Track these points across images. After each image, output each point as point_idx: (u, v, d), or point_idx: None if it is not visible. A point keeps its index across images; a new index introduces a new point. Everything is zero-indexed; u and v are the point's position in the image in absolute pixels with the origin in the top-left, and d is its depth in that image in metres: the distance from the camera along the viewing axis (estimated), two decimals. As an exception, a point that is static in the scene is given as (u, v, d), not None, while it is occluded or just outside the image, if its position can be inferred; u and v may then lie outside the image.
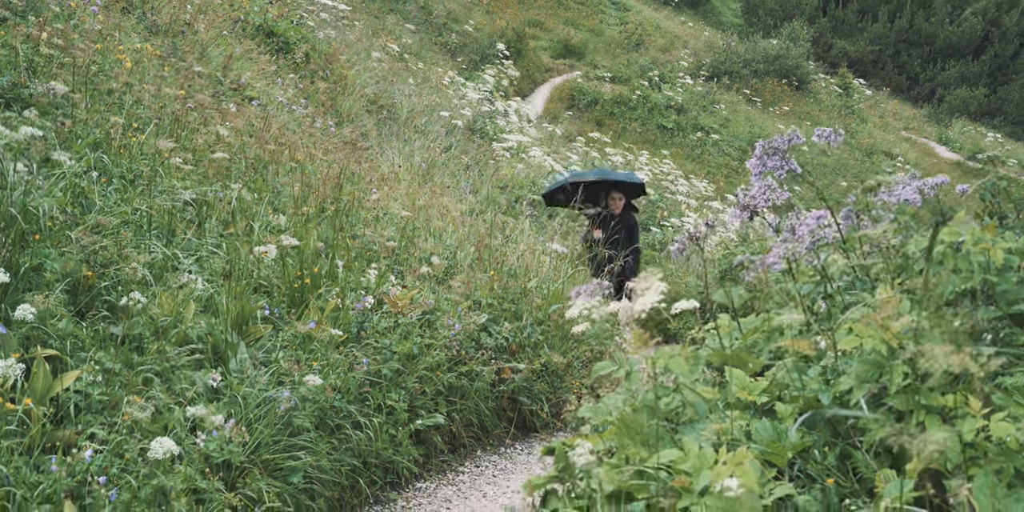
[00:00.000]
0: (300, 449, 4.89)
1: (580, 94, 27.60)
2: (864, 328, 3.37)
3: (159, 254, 5.20)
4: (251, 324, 5.35)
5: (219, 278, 5.50)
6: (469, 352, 6.77)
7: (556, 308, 8.17)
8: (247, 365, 5.05)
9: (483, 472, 6.54)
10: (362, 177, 9.06)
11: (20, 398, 3.88)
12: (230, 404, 4.79)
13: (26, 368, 4.11)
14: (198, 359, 4.97)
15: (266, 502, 4.52)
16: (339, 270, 6.19)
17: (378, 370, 5.80)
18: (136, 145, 6.37)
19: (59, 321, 4.45)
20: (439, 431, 6.35)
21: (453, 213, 8.92)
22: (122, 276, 4.90)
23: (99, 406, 4.26)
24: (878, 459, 3.13)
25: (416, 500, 5.86)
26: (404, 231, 7.80)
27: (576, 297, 3.90)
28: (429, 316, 6.69)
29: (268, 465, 4.76)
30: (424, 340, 6.39)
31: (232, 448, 4.50)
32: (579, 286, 3.89)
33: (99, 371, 4.30)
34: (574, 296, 3.90)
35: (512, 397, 7.16)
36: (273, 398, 4.88)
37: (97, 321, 4.79)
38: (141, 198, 5.58)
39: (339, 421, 5.34)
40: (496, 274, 7.82)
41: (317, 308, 5.82)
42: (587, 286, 3.91)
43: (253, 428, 4.71)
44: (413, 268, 7.19)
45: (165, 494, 4.10)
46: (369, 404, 5.64)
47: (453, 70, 23.82)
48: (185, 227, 5.93)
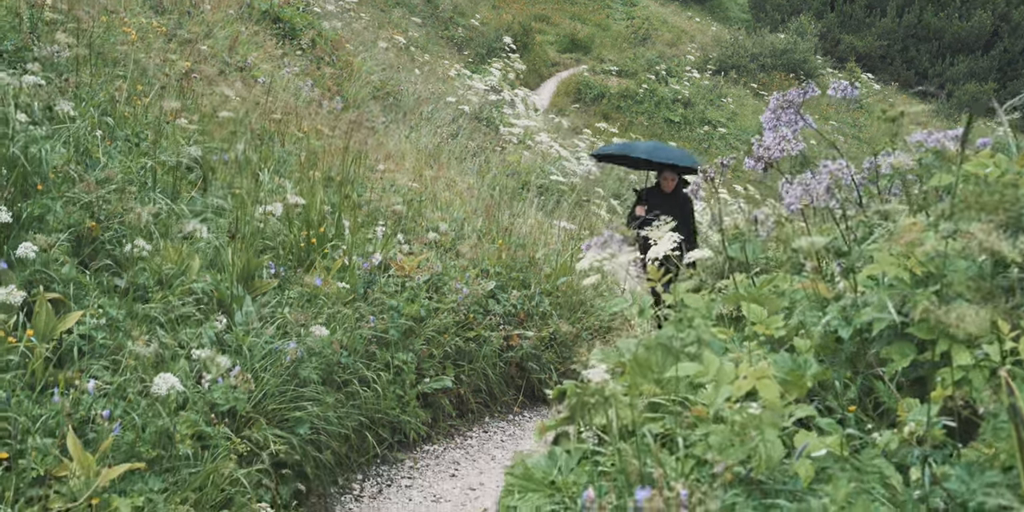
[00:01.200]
0: (307, 400, 4.83)
1: (586, 88, 27.53)
2: (886, 256, 3.29)
3: (163, 206, 5.14)
4: (257, 279, 5.29)
5: (224, 235, 5.44)
6: (477, 318, 6.71)
7: (564, 280, 8.11)
8: (253, 317, 4.99)
9: (491, 437, 6.48)
10: (368, 155, 9.01)
11: (22, 335, 3.83)
12: (235, 355, 4.73)
13: (28, 309, 4.06)
14: (203, 311, 4.91)
15: (272, 450, 4.46)
16: (345, 231, 6.13)
17: (385, 330, 5.74)
18: (141, 108, 6.32)
19: (62, 266, 4.39)
20: (447, 395, 6.29)
21: (460, 186, 8.85)
22: (127, 225, 4.84)
23: (102, 351, 4.21)
24: (900, 391, 3.06)
25: (424, 461, 5.80)
26: (411, 202, 7.74)
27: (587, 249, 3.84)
28: (436, 281, 6.64)
29: (274, 416, 4.69)
30: (432, 303, 6.33)
31: (238, 395, 4.44)
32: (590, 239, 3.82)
33: (102, 315, 4.25)
34: (585, 249, 3.83)
35: (520, 364, 7.09)
36: (279, 349, 4.82)
37: (100, 271, 4.74)
38: (146, 157, 5.52)
39: (346, 377, 5.28)
40: (504, 244, 7.75)
41: (323, 267, 5.76)
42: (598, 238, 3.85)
43: (259, 378, 4.65)
44: (420, 236, 7.13)
45: (170, 437, 4.04)
46: (376, 363, 5.58)
47: (459, 63, 23.78)
48: (189, 187, 5.87)
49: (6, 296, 3.50)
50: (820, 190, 4.00)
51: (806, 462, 2.75)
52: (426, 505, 5.21)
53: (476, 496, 5.43)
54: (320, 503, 4.93)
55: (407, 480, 5.50)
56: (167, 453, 3.96)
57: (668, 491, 2.46)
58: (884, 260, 3.21)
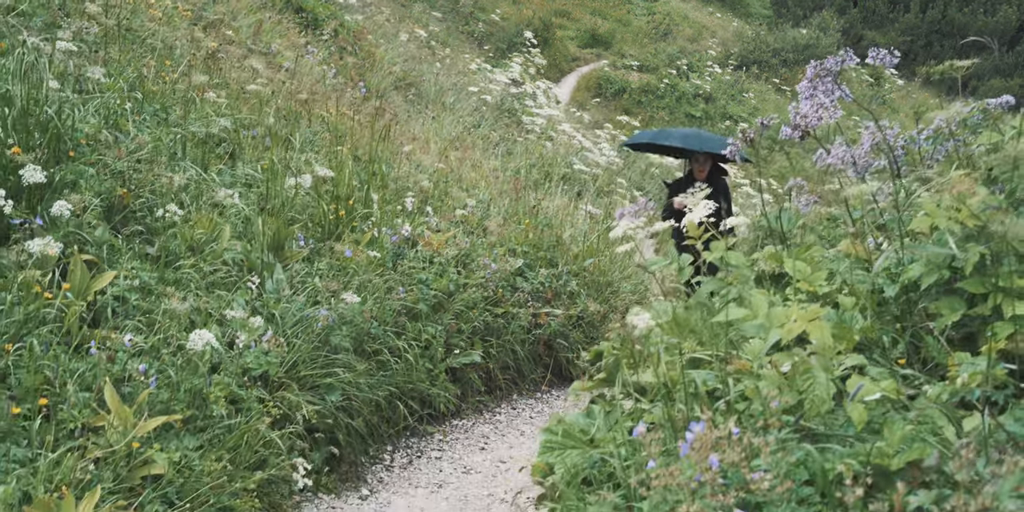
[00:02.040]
0: (338, 367, 4.81)
1: (607, 83, 27.45)
2: (936, 208, 3.22)
3: (194, 174, 5.13)
4: (287, 248, 5.27)
5: (254, 205, 5.43)
6: (505, 295, 6.68)
7: (591, 262, 8.07)
8: (283, 285, 4.97)
9: (520, 414, 6.44)
10: (393, 138, 8.99)
11: (58, 293, 3.82)
12: (267, 322, 4.72)
13: (63, 269, 4.06)
14: (234, 279, 4.89)
15: (304, 415, 4.44)
16: (374, 205, 6.11)
17: (415, 302, 5.71)
18: (169, 83, 6.32)
19: (95, 229, 4.39)
20: (476, 370, 6.25)
21: (485, 168, 8.82)
22: (158, 192, 4.84)
23: (135, 312, 4.20)
24: (950, 346, 3.00)
25: (453, 435, 5.76)
26: (438, 182, 7.71)
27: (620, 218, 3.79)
28: (464, 258, 6.61)
29: (305, 382, 4.67)
30: (460, 278, 6.30)
31: (270, 359, 4.42)
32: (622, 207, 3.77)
33: (135, 276, 4.24)
34: (618, 217, 3.78)
35: (548, 343, 7.04)
36: (310, 316, 4.80)
37: (132, 238, 4.73)
38: (177, 127, 5.52)
39: (376, 346, 5.26)
40: (531, 223, 7.71)
41: (352, 240, 5.74)
42: (631, 206, 3.80)
43: (291, 344, 4.63)
44: (448, 213, 7.10)
45: (204, 398, 4.03)
46: (406, 336, 5.55)
47: (480, 58, 23.75)
48: (217, 160, 5.87)
49: (43, 247, 3.49)
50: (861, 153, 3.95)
51: (859, 406, 2.70)
52: (456, 476, 5.17)
53: (506, 468, 5.39)
54: (352, 471, 4.90)
55: (437, 452, 5.46)
56: (201, 413, 3.95)
57: (719, 430, 2.42)
58: (934, 212, 3.15)
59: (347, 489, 4.77)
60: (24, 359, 3.47)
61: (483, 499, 4.87)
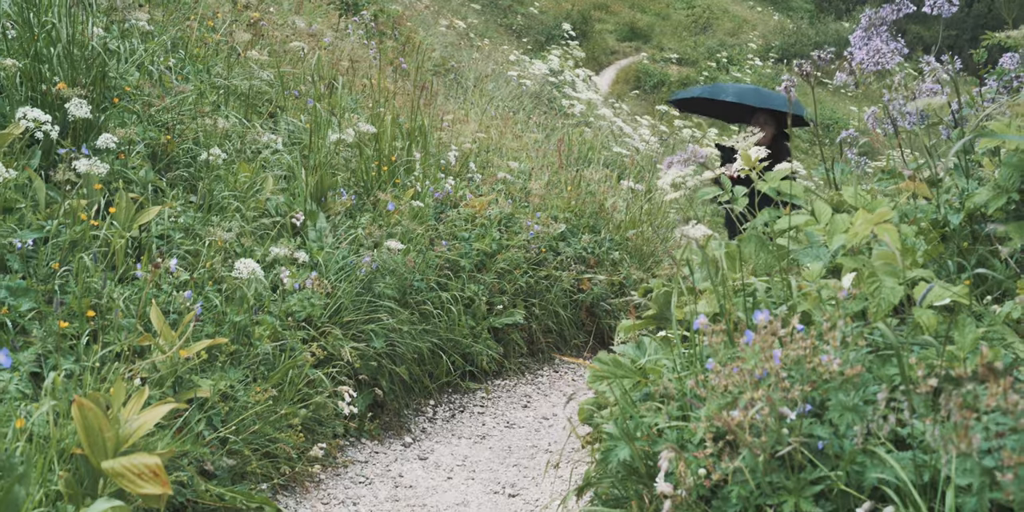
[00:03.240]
0: (382, 312, 4.75)
1: (646, 75, 27.28)
2: (1005, 127, 3.11)
3: (236, 121, 5.11)
4: (329, 199, 5.23)
5: (298, 155, 5.40)
6: (547, 258, 6.60)
7: (634, 232, 7.97)
8: (326, 233, 4.93)
9: (562, 376, 6.35)
10: (434, 112, 8.95)
11: (102, 224, 3.80)
12: (310, 269, 4.67)
13: (108, 204, 4.04)
14: (276, 227, 4.86)
15: (348, 359, 4.39)
16: (416, 163, 6.05)
17: (458, 258, 5.65)
18: (212, 44, 6.31)
19: (139, 170, 4.37)
20: (518, 331, 6.18)
21: (526, 139, 8.74)
22: (201, 138, 4.81)
23: (180, 252, 4.17)
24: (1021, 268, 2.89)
25: (495, 392, 5.69)
26: (479, 149, 7.65)
27: (667, 167, 3.70)
28: (506, 221, 6.54)
29: (349, 328, 4.62)
30: (502, 239, 6.23)
31: (313, 302, 4.37)
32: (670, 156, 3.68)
33: (179, 214, 4.21)
34: (665, 166, 3.69)
35: (591, 309, 6.95)
36: (353, 264, 4.76)
37: (175, 181, 4.71)
38: (220, 78, 5.50)
39: (419, 298, 5.20)
40: (573, 190, 7.63)
41: (394, 196, 5.69)
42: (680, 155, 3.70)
43: (334, 288, 4.59)
44: (489, 178, 7.03)
45: (248, 335, 3.99)
46: (448, 293, 5.48)
47: (518, 50, 23.71)
48: (259, 117, 5.84)
49: (90, 167, 3.47)
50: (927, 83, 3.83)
51: (927, 312, 2.59)
52: (499, 429, 5.10)
53: (550, 424, 5.31)
54: (395, 421, 4.85)
55: (479, 408, 5.40)
56: (246, 350, 3.91)
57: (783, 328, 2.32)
58: (1002, 130, 3.04)
59: (390, 437, 4.72)
60: (70, 285, 3.45)
61: (527, 449, 4.80)
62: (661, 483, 2.36)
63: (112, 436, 2.32)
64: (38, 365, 3.01)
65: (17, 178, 3.60)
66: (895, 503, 2.06)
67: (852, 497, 2.14)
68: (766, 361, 2.18)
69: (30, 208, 3.66)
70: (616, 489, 2.79)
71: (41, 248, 3.52)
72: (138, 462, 2.27)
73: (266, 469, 3.60)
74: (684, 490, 2.29)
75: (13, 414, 2.44)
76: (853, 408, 2.16)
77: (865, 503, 2.10)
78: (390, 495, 4.04)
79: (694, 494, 2.32)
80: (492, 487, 4.22)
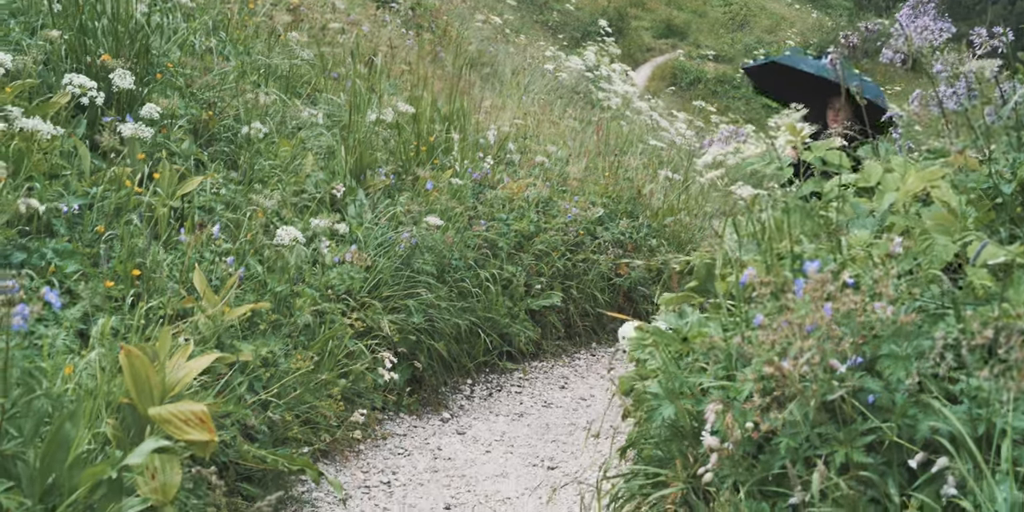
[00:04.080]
0: (421, 287, 4.76)
1: (682, 72, 27.15)
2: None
3: (277, 98, 5.13)
4: (368, 177, 5.24)
5: (337, 135, 5.42)
6: (585, 241, 6.57)
7: (672, 219, 7.92)
8: (365, 209, 4.94)
9: (599, 360, 6.32)
10: (472, 98, 8.95)
11: (147, 192, 3.83)
12: (350, 243, 4.68)
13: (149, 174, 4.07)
14: (316, 203, 4.87)
15: (386, 332, 4.39)
16: (455, 144, 6.05)
17: (496, 239, 5.64)
18: (252, 26, 6.35)
19: (181, 142, 4.40)
20: (555, 313, 6.15)
21: (563, 126, 8.72)
22: (242, 115, 4.84)
23: (222, 221, 4.19)
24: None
25: (532, 374, 5.68)
26: (517, 134, 7.63)
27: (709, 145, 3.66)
28: (544, 205, 6.52)
29: (388, 303, 4.63)
30: (540, 221, 6.22)
31: (353, 275, 4.38)
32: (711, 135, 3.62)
33: (222, 185, 4.24)
34: (706, 145, 3.65)
35: (628, 294, 6.91)
36: (392, 239, 4.76)
37: (216, 156, 4.74)
38: (260, 56, 5.54)
39: (457, 275, 5.20)
40: (611, 176, 7.60)
41: (432, 177, 5.69)
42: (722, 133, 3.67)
43: (374, 263, 4.59)
44: (527, 162, 7.02)
45: (288, 306, 4.01)
46: (485, 272, 5.47)
47: (554, 46, 23.68)
48: (298, 97, 5.87)
49: (135, 130, 3.49)
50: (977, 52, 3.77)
51: (981, 271, 2.54)
52: (537, 408, 5.08)
53: (587, 404, 5.28)
54: (432, 397, 4.85)
55: (516, 387, 5.38)
56: (286, 320, 3.92)
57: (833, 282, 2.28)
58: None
59: (428, 412, 4.72)
60: (115, 249, 3.47)
61: (565, 427, 4.77)
62: (708, 437, 2.33)
63: (159, 383, 2.33)
64: (84, 323, 3.03)
65: (63, 144, 3.64)
66: (950, 454, 2.02)
67: (904, 449, 2.10)
68: (816, 311, 2.14)
69: (75, 175, 3.70)
70: (659, 450, 2.77)
71: (86, 214, 3.55)
72: (185, 409, 2.28)
73: (307, 435, 3.61)
74: (731, 443, 2.26)
75: (61, 364, 2.46)
76: (905, 358, 2.11)
77: (918, 454, 2.06)
78: (429, 466, 4.03)
79: (741, 448, 2.29)
80: (531, 460, 4.21)
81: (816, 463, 2.12)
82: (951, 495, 1.98)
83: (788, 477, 2.22)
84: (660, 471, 2.68)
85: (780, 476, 2.26)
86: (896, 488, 2.07)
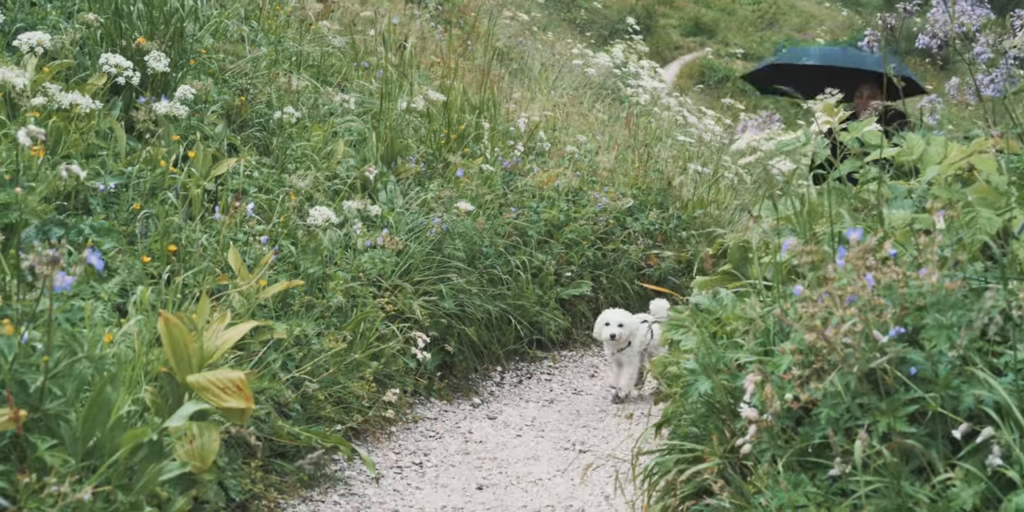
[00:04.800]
0: (452, 272, 4.76)
1: (710, 71, 27.02)
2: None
3: (309, 84, 5.15)
4: (399, 163, 5.25)
5: (368, 123, 5.43)
6: (615, 231, 6.55)
7: (702, 212, 7.88)
8: (396, 195, 4.95)
9: (630, 351, 6.30)
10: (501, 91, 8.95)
11: (181, 173, 3.85)
12: (381, 228, 4.69)
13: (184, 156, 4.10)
14: (348, 188, 4.89)
15: (418, 316, 4.39)
16: (485, 133, 6.05)
17: (526, 225, 5.63)
18: (284, 14, 6.38)
19: (215, 126, 4.43)
20: (585, 303, 6.13)
21: (592, 119, 8.70)
22: (274, 101, 4.86)
23: (256, 204, 4.21)
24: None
25: (562, 362, 5.66)
26: (546, 125, 7.62)
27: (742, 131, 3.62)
28: (574, 195, 6.51)
29: (419, 288, 4.63)
30: (570, 211, 6.20)
31: (384, 258, 4.39)
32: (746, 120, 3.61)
33: (255, 167, 4.26)
34: (740, 130, 3.61)
35: (658, 285, 6.88)
36: (423, 224, 4.76)
37: (248, 140, 4.77)
38: (292, 42, 5.56)
39: (488, 262, 5.19)
40: (640, 167, 7.57)
41: (462, 164, 5.69)
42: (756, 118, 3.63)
43: (405, 248, 4.59)
44: (557, 152, 7.01)
45: (320, 288, 4.02)
46: (515, 259, 5.46)
47: (581, 43, 23.65)
48: (329, 86, 5.89)
49: (169, 108, 3.51)
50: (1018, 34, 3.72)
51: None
52: (567, 395, 5.07)
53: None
54: (463, 383, 4.85)
55: (546, 375, 5.37)
56: (318, 301, 3.93)
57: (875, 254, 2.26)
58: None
59: (458, 397, 4.72)
60: (151, 227, 3.50)
61: (595, 413, 4.75)
62: (746, 408, 2.31)
63: (196, 350, 2.34)
64: (121, 297, 3.05)
65: (99, 124, 3.66)
66: (995, 424, 1.99)
67: (947, 420, 2.07)
68: (858, 280, 2.12)
69: (111, 156, 3.72)
70: (695, 426, 2.74)
71: (122, 193, 3.58)
72: (222, 376, 2.29)
73: (339, 415, 3.61)
74: (770, 414, 2.24)
75: (100, 334, 2.48)
76: (949, 327, 2.08)
77: (962, 425, 2.03)
78: (460, 448, 4.03)
79: (780, 420, 2.26)
80: (562, 444, 4.19)
81: (856, 435, 2.09)
82: (996, 465, 1.95)
83: (827, 449, 2.19)
84: (696, 446, 2.65)
85: (819, 448, 2.24)
86: (940, 459, 2.04)
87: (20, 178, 2.90)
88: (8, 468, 1.84)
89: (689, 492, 2.60)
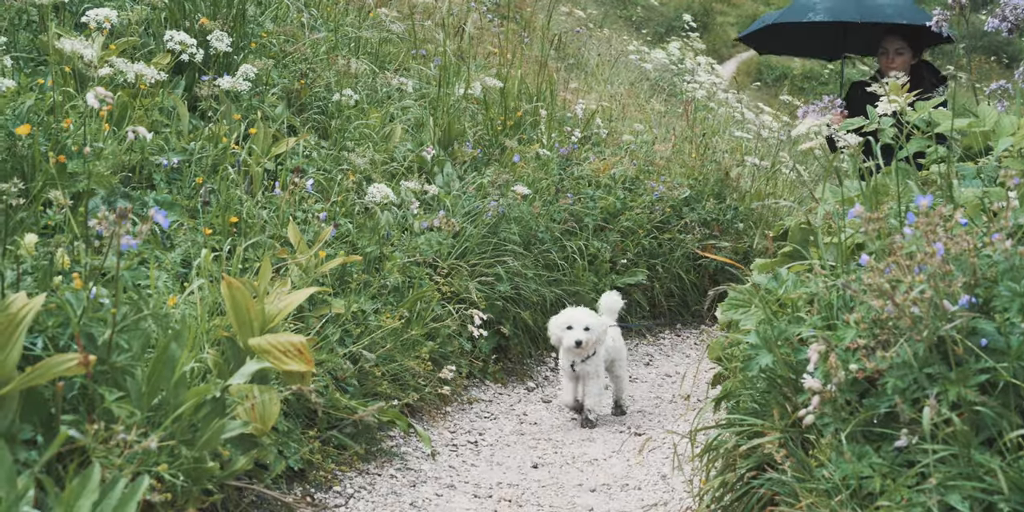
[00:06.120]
0: (508, 256, 4.76)
1: (768, 68, 26.74)
2: None
3: (367, 69, 5.18)
4: (456, 148, 5.26)
5: (427, 108, 5.45)
6: (671, 220, 6.50)
7: (759, 204, 7.79)
8: (453, 178, 4.96)
9: (684, 340, 6.26)
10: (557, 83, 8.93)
11: (241, 151, 3.90)
12: (437, 210, 4.71)
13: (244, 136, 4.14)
14: (404, 170, 4.91)
15: (473, 298, 4.40)
16: (541, 121, 6.04)
17: (581, 216, 5.61)
18: (343, 2, 6.42)
19: (275, 108, 4.47)
20: (640, 291, 6.09)
21: (648, 110, 8.65)
22: (333, 85, 4.90)
23: (316, 182, 4.25)
24: None
25: (617, 350, 5.62)
26: (602, 114, 7.60)
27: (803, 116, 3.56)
28: (630, 184, 6.48)
29: (475, 270, 4.64)
30: (627, 199, 6.17)
31: (440, 239, 4.40)
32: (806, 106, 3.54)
33: (314, 148, 4.29)
34: (801, 116, 3.55)
35: (713, 277, 6.81)
36: (480, 208, 4.77)
37: (307, 122, 4.81)
38: (351, 28, 5.60)
39: (543, 247, 5.18)
40: (698, 157, 7.51)
41: (519, 150, 5.69)
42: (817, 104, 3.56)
43: (462, 231, 4.60)
44: (613, 141, 6.98)
45: (377, 268, 4.04)
46: (571, 246, 5.44)
47: (637, 40, 23.54)
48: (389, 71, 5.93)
49: (232, 84, 3.56)
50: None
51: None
52: (622, 382, 5.03)
53: (673, 381, 5.21)
54: (518, 367, 4.84)
55: (601, 362, 5.34)
56: (375, 280, 3.95)
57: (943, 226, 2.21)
58: None
59: (513, 381, 4.71)
60: (212, 203, 3.54)
61: (651, 400, 4.72)
62: (809, 379, 2.26)
63: (259, 313, 2.37)
64: (184, 267, 3.10)
65: (163, 101, 3.72)
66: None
67: (1020, 390, 2.01)
68: (928, 246, 2.07)
69: (175, 133, 3.78)
70: (756, 402, 2.71)
71: (185, 169, 3.63)
72: (284, 340, 2.31)
73: (395, 391, 3.62)
74: (834, 385, 2.19)
75: (165, 299, 2.51)
76: (1023, 295, 2.02)
77: (1037, 396, 1.97)
78: (515, 429, 4.02)
79: (844, 392, 2.22)
80: (617, 427, 4.17)
81: (923, 406, 2.04)
82: (1070, 436, 1.89)
83: (892, 421, 2.15)
84: (757, 421, 2.62)
85: (885, 419, 2.19)
86: (1012, 429, 1.98)
87: (90, 143, 2.95)
88: (77, 418, 1.87)
89: (749, 466, 2.56)
